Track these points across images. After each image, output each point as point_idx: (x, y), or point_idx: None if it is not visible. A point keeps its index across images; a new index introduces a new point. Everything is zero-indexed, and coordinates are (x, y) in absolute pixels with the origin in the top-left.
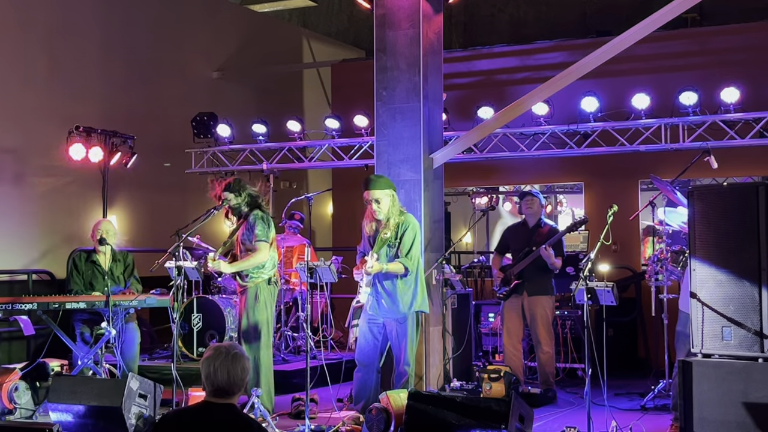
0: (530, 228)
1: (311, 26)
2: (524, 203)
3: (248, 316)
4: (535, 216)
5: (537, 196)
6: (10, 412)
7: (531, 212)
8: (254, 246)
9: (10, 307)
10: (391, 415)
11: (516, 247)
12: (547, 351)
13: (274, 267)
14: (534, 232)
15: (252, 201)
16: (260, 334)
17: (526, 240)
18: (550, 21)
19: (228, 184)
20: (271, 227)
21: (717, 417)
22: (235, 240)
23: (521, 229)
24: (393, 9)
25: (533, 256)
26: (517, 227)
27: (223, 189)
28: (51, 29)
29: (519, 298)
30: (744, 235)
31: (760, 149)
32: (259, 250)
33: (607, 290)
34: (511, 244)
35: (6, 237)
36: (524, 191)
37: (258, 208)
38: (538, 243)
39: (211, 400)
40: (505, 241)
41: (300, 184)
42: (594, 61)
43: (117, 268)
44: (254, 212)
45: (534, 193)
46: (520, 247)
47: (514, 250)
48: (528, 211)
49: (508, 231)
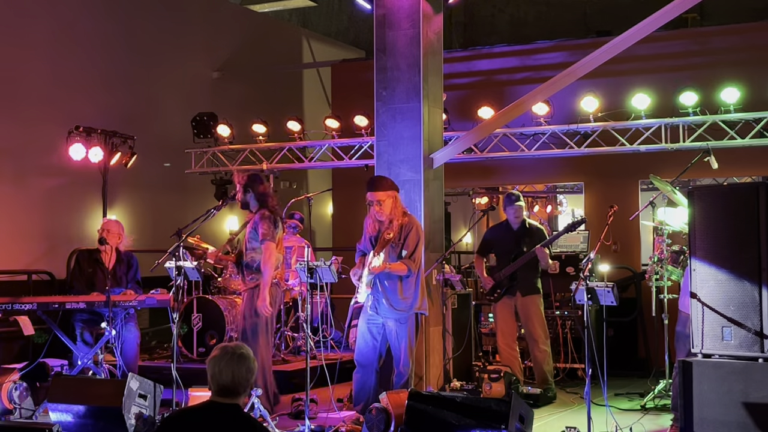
0: (515, 230)
1: (311, 26)
2: (512, 209)
3: (249, 317)
4: (521, 218)
5: (522, 201)
6: (10, 412)
7: (518, 218)
8: (261, 246)
9: (10, 307)
10: (391, 415)
11: (503, 249)
12: (543, 349)
13: (277, 268)
14: (522, 234)
15: (260, 199)
16: (259, 334)
17: (515, 242)
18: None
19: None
20: (278, 227)
21: (717, 417)
22: (242, 238)
23: (506, 232)
24: (393, 9)
25: (528, 256)
26: (500, 229)
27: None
28: (51, 29)
29: (512, 299)
30: (744, 235)
31: (760, 149)
32: (266, 250)
33: (607, 290)
34: (496, 247)
35: (6, 237)
36: (511, 194)
37: (266, 207)
38: (528, 244)
39: (215, 400)
40: (488, 243)
41: (300, 184)
42: (594, 61)
43: (120, 268)
44: (260, 211)
45: (520, 199)
46: (507, 249)
47: (500, 253)
48: (514, 218)
49: (490, 233)
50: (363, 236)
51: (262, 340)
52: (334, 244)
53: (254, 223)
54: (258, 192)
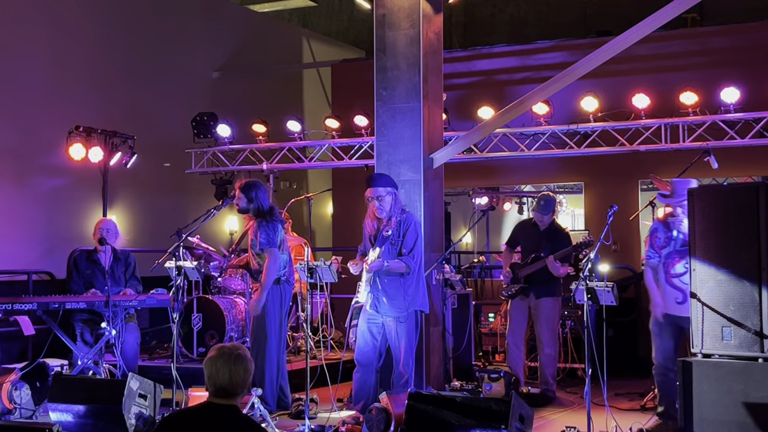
0: (541, 231)
1: (311, 26)
2: (537, 215)
3: (258, 315)
4: (546, 223)
5: (552, 209)
6: (10, 412)
7: (542, 223)
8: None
9: (10, 307)
10: (391, 415)
11: (526, 246)
12: (549, 353)
13: (285, 267)
14: (544, 236)
15: (258, 205)
16: (269, 332)
17: (536, 243)
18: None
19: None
20: (277, 231)
21: (717, 417)
22: (247, 241)
23: (532, 230)
24: (393, 9)
25: (539, 264)
26: (527, 226)
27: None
28: (51, 29)
29: (526, 299)
30: (744, 235)
31: (760, 149)
32: (269, 256)
33: (607, 290)
34: (521, 242)
35: (6, 237)
36: (546, 200)
37: (264, 213)
38: (547, 248)
39: (213, 401)
40: (515, 236)
41: (300, 184)
42: (594, 61)
43: (118, 267)
44: (257, 219)
45: (550, 208)
46: (529, 248)
47: (523, 249)
48: (539, 221)
49: (519, 227)
50: (363, 238)
51: (271, 339)
52: (334, 244)
53: (254, 231)
54: (256, 197)
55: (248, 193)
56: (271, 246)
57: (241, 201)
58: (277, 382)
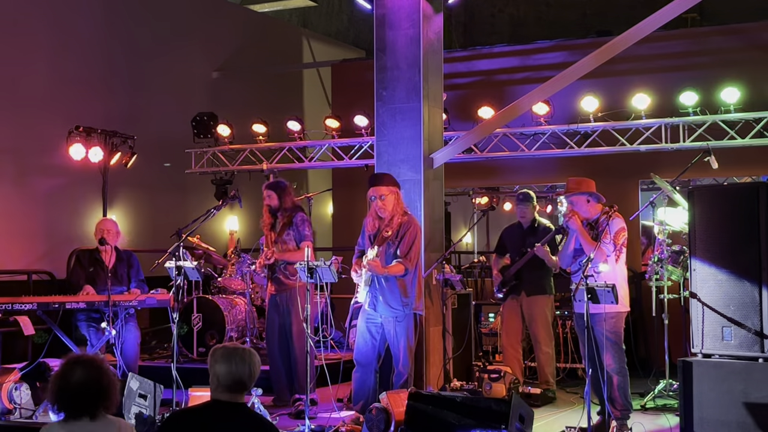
0: (525, 229)
1: (311, 26)
2: (518, 209)
3: (296, 314)
4: (528, 218)
5: (531, 201)
6: (10, 412)
7: (524, 218)
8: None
9: (10, 307)
10: (391, 415)
11: (513, 246)
12: (546, 351)
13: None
14: (529, 233)
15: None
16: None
17: (522, 241)
18: (550, 21)
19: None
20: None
21: (717, 417)
22: (270, 239)
23: (516, 231)
24: (393, 9)
25: (528, 256)
26: (512, 228)
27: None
28: (51, 29)
29: (517, 299)
30: (744, 235)
31: (760, 149)
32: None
33: (607, 290)
34: (507, 245)
35: (6, 237)
36: (523, 194)
37: (301, 210)
38: (532, 243)
39: (219, 399)
40: (502, 242)
41: (300, 184)
42: (594, 61)
43: (121, 267)
44: (299, 214)
45: (528, 199)
46: (516, 248)
47: (511, 251)
48: (521, 217)
49: (505, 232)
50: (361, 235)
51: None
52: (334, 244)
53: (295, 225)
54: (290, 196)
55: (283, 193)
56: (311, 241)
57: (272, 200)
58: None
